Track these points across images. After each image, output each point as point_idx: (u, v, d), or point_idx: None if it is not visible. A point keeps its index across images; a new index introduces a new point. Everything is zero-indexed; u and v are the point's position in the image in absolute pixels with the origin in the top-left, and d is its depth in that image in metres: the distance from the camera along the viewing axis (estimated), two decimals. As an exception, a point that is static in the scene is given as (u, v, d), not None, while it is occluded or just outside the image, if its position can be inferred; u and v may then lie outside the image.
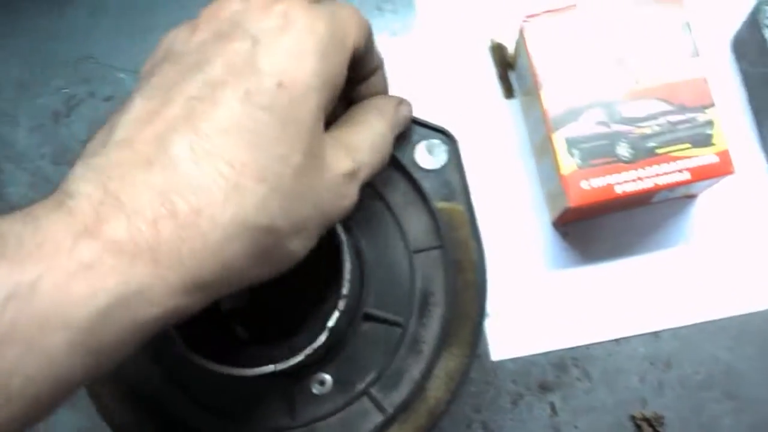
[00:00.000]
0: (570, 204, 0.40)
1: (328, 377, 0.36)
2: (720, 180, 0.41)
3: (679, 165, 0.40)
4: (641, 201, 0.44)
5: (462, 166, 0.38)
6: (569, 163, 0.40)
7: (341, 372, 0.37)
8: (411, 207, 0.38)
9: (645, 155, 0.40)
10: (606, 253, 0.46)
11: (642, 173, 0.40)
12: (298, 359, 0.31)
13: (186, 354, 0.31)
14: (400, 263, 0.38)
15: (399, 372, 0.37)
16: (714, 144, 0.40)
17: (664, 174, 0.40)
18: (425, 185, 0.38)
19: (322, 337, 0.32)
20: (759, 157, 0.46)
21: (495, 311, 0.45)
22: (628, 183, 0.40)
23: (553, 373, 0.45)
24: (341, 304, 0.32)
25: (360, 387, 0.36)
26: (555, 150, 0.40)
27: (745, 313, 0.45)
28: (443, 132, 0.38)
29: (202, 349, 0.32)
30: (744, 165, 0.45)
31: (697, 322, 0.45)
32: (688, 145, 0.40)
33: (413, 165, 0.38)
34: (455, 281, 0.37)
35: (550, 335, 0.45)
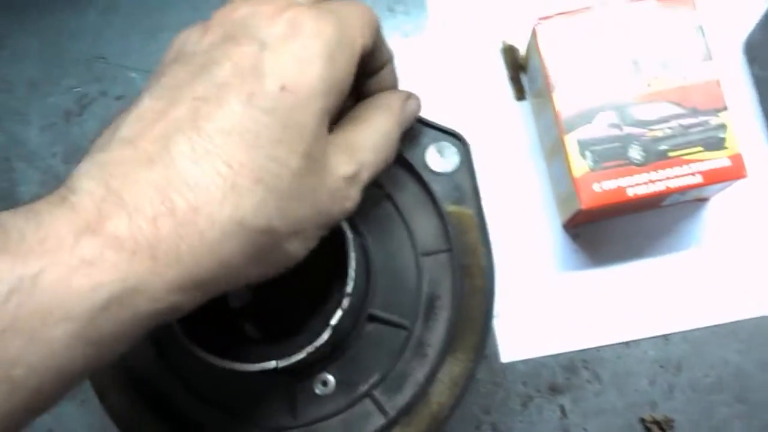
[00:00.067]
0: (582, 206, 0.40)
1: (331, 378, 0.36)
2: (732, 183, 0.41)
3: (692, 168, 0.40)
4: (652, 204, 0.44)
5: (473, 170, 0.38)
6: (581, 166, 0.40)
7: (344, 373, 0.36)
8: (420, 209, 0.38)
9: (657, 158, 0.40)
10: (616, 256, 0.46)
11: (654, 176, 0.40)
12: (300, 357, 0.31)
13: (189, 348, 0.31)
14: (407, 265, 0.37)
15: (403, 375, 0.36)
16: (726, 147, 0.40)
17: (676, 177, 0.40)
18: (435, 188, 0.38)
19: (324, 335, 0.32)
20: (770, 161, 0.46)
21: (505, 312, 0.45)
22: (639, 186, 0.40)
23: (563, 376, 0.45)
24: (345, 302, 0.32)
25: (363, 389, 0.36)
26: (567, 152, 0.40)
27: (756, 317, 0.45)
28: (455, 135, 0.38)
29: (210, 347, 0.32)
30: (756, 168, 0.45)
31: (708, 325, 0.45)
32: (700, 149, 0.40)
33: (424, 167, 0.38)
34: (463, 285, 0.37)
35: (560, 337, 0.45)
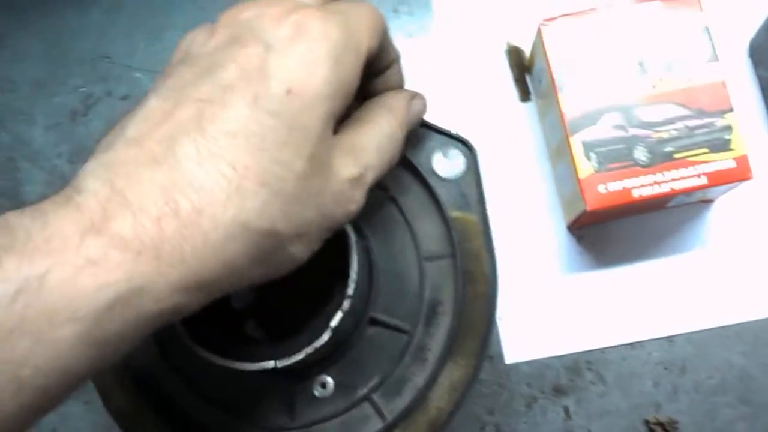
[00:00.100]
0: (587, 208, 0.40)
1: (330, 380, 0.36)
2: (737, 185, 0.41)
3: (697, 170, 0.40)
4: (657, 205, 0.44)
5: (480, 176, 0.38)
6: (586, 167, 0.40)
7: (344, 375, 0.36)
8: (425, 214, 0.38)
9: (662, 159, 0.40)
10: (621, 257, 0.46)
11: (659, 177, 0.40)
12: (299, 357, 0.31)
13: (191, 346, 0.31)
14: (410, 270, 0.37)
15: (402, 379, 0.36)
16: (732, 149, 0.40)
17: (681, 179, 0.40)
18: (441, 193, 0.37)
19: (324, 337, 0.32)
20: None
21: (509, 314, 0.45)
22: (645, 187, 0.40)
23: (567, 377, 0.45)
24: (346, 304, 0.32)
25: (362, 392, 0.36)
26: (572, 153, 0.40)
27: (760, 319, 0.45)
28: (463, 141, 0.38)
29: (212, 345, 0.32)
30: (761, 170, 0.45)
31: (712, 327, 0.45)
32: (705, 150, 0.40)
33: (430, 172, 0.38)
34: (465, 291, 0.37)
35: (564, 338, 0.45)
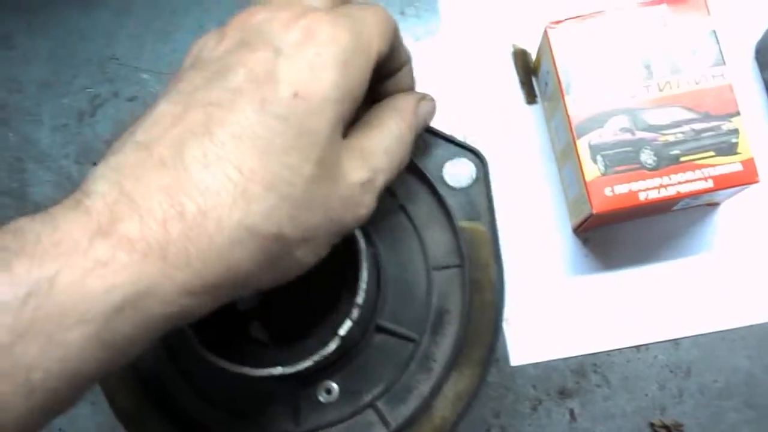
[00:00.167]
0: (593, 210, 0.40)
1: (335, 386, 0.36)
2: (744, 188, 0.41)
3: (704, 173, 0.40)
4: (663, 208, 0.44)
5: (490, 187, 0.38)
6: (593, 170, 0.40)
7: (349, 382, 0.36)
8: (434, 223, 0.38)
9: (669, 163, 0.40)
10: (627, 260, 0.46)
11: (666, 181, 0.40)
12: (306, 364, 0.31)
13: (197, 349, 0.31)
14: (418, 278, 0.37)
15: (407, 387, 0.36)
16: (739, 152, 0.40)
17: (687, 182, 0.40)
18: (450, 202, 0.38)
19: (332, 345, 0.32)
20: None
21: (515, 316, 0.45)
22: (651, 190, 0.40)
23: (573, 379, 0.45)
24: (355, 313, 0.32)
25: (366, 399, 0.36)
26: (579, 156, 0.40)
27: (766, 322, 0.45)
28: (474, 152, 0.38)
29: (217, 347, 0.32)
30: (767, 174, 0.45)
31: (718, 330, 0.45)
32: (712, 153, 0.40)
33: (440, 181, 0.38)
34: (472, 301, 0.37)
35: (570, 341, 0.45)
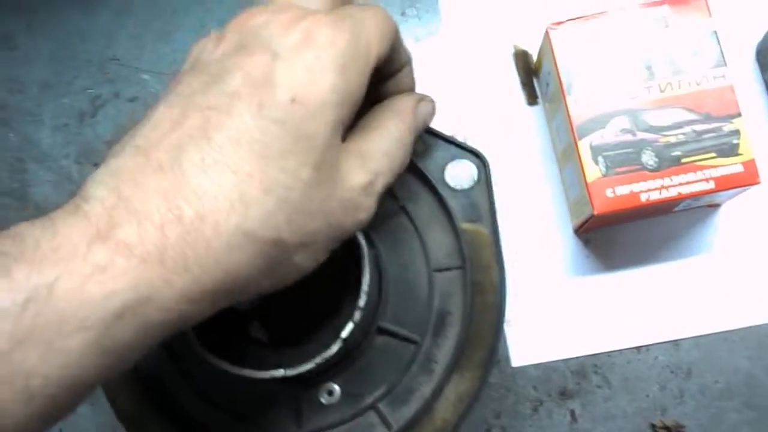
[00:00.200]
0: (594, 211, 0.40)
1: (337, 387, 0.36)
2: (745, 190, 0.41)
3: (705, 174, 0.40)
4: (664, 209, 0.44)
5: (491, 189, 0.38)
6: (594, 171, 0.40)
7: (351, 383, 0.36)
8: (435, 225, 0.38)
9: (670, 164, 0.40)
10: (628, 261, 0.46)
11: (667, 182, 0.40)
12: (307, 367, 0.31)
13: (198, 351, 0.31)
14: (419, 280, 0.37)
15: (409, 389, 0.36)
16: (740, 154, 0.40)
17: (689, 183, 0.40)
18: (452, 204, 0.38)
19: (334, 348, 0.32)
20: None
21: (516, 317, 0.45)
22: (652, 191, 0.40)
23: (574, 380, 0.45)
24: (357, 316, 0.32)
25: (368, 400, 0.36)
26: (580, 157, 0.40)
27: (766, 323, 0.45)
28: (476, 153, 0.38)
29: (217, 348, 0.32)
30: None
31: (718, 331, 0.45)
32: (713, 155, 0.40)
33: (442, 183, 0.38)
34: (474, 303, 0.37)
35: (570, 342, 0.45)
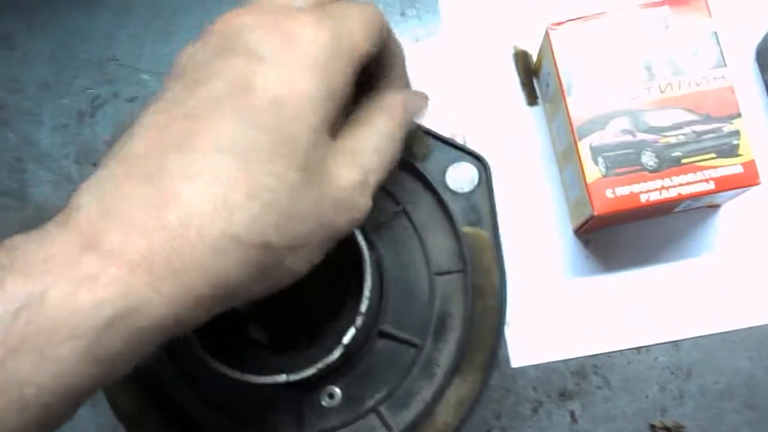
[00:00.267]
0: (594, 212, 0.40)
1: (338, 391, 0.36)
2: (745, 190, 0.41)
3: (705, 175, 0.40)
4: (664, 210, 0.44)
5: (492, 192, 0.38)
6: (594, 172, 0.40)
7: (352, 387, 0.36)
8: (436, 227, 0.38)
9: (670, 164, 0.40)
10: (627, 262, 0.46)
11: (667, 183, 0.40)
12: (310, 372, 0.31)
13: (200, 354, 0.31)
14: (420, 283, 0.37)
15: (410, 393, 0.36)
16: (740, 154, 0.40)
17: (689, 184, 0.40)
18: (453, 207, 0.37)
19: (336, 353, 0.32)
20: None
21: (516, 317, 0.45)
22: (652, 192, 0.40)
23: (573, 381, 0.45)
24: (359, 321, 0.32)
25: (369, 404, 0.36)
26: (580, 158, 0.40)
27: (767, 324, 0.45)
28: (477, 157, 0.38)
29: (217, 350, 0.32)
30: None
31: (718, 332, 0.45)
32: (713, 155, 0.40)
33: (443, 186, 0.38)
34: (474, 306, 0.37)
35: (570, 343, 0.45)
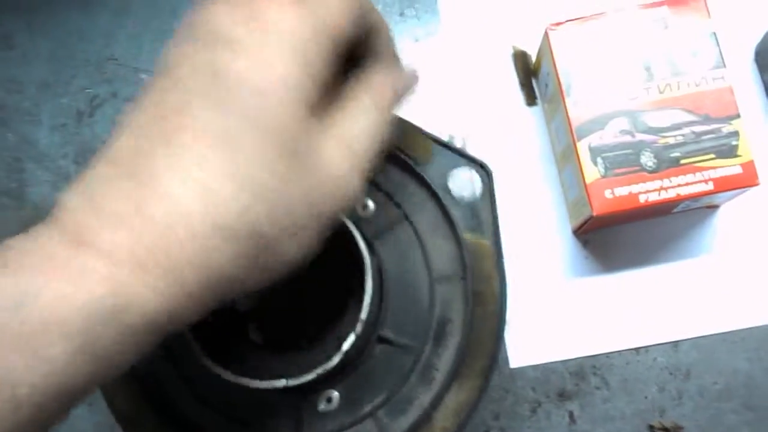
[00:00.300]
0: (593, 213, 0.40)
1: (336, 395, 0.36)
2: (743, 191, 0.41)
3: (704, 176, 0.40)
4: (663, 211, 0.44)
5: (495, 200, 0.38)
6: (593, 172, 0.40)
7: (350, 391, 0.36)
8: (438, 234, 0.38)
9: (669, 165, 0.40)
10: (626, 262, 0.46)
11: (666, 183, 0.40)
12: (309, 378, 0.31)
13: (198, 357, 0.31)
14: (420, 289, 0.37)
15: (408, 398, 0.36)
16: (739, 155, 0.40)
17: (688, 184, 0.40)
18: (455, 214, 0.37)
19: (335, 359, 0.32)
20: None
21: (514, 318, 0.45)
22: (651, 192, 0.40)
23: (572, 381, 0.45)
24: (358, 328, 0.32)
25: (367, 408, 0.36)
26: (579, 158, 0.40)
27: (765, 325, 0.45)
28: (480, 164, 0.38)
29: (216, 350, 0.32)
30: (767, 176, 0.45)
31: (717, 332, 0.45)
32: (712, 156, 0.40)
33: (445, 193, 0.38)
34: (474, 313, 0.37)
35: (569, 343, 0.45)
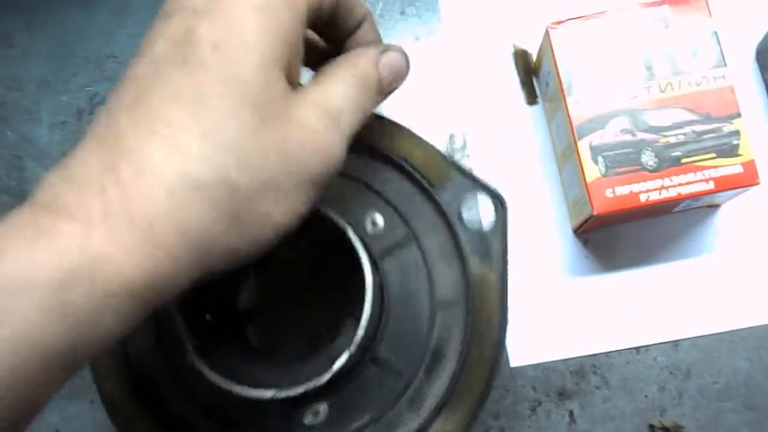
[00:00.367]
0: (594, 212, 0.40)
1: (323, 409, 0.35)
2: (744, 190, 0.41)
3: (704, 175, 0.40)
4: (664, 210, 0.43)
5: (506, 232, 0.36)
6: (594, 171, 0.40)
7: (338, 407, 0.36)
8: (445, 259, 0.37)
9: (670, 164, 0.40)
10: (627, 261, 0.46)
11: (667, 182, 0.40)
12: (297, 391, 0.31)
13: (190, 358, 0.31)
14: (421, 313, 0.36)
15: (395, 422, 0.35)
16: (740, 154, 0.40)
17: (688, 183, 0.40)
18: (465, 241, 0.36)
19: (325, 376, 0.31)
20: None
21: (515, 317, 0.45)
22: (652, 192, 0.40)
23: (572, 381, 0.45)
24: (353, 348, 0.32)
25: (352, 426, 0.35)
26: (580, 157, 0.40)
27: (766, 324, 0.45)
28: (496, 195, 0.37)
29: (213, 350, 0.32)
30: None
31: (717, 332, 0.45)
32: (713, 155, 0.40)
33: (457, 220, 0.37)
34: (472, 343, 0.36)
35: (569, 342, 0.45)
